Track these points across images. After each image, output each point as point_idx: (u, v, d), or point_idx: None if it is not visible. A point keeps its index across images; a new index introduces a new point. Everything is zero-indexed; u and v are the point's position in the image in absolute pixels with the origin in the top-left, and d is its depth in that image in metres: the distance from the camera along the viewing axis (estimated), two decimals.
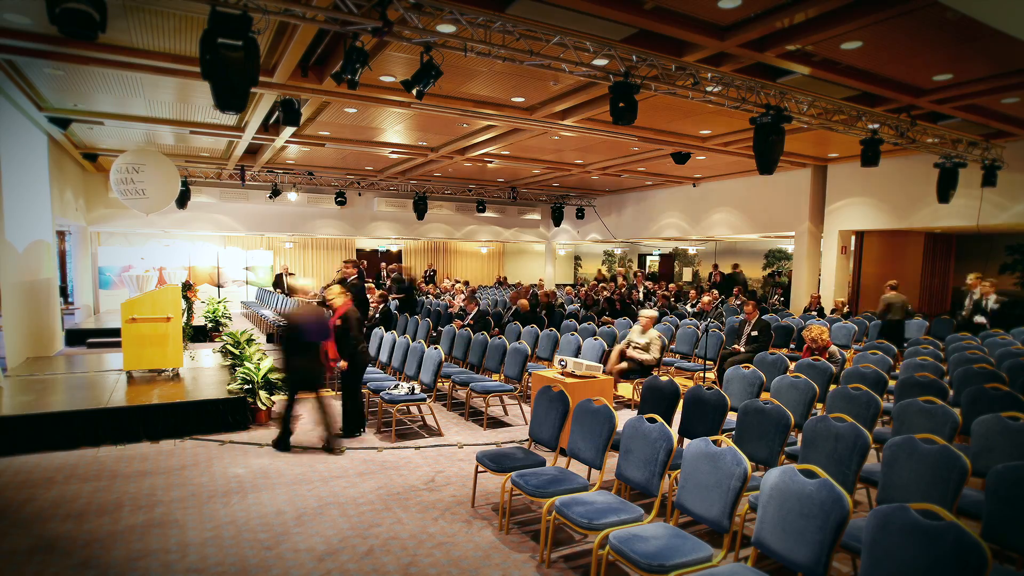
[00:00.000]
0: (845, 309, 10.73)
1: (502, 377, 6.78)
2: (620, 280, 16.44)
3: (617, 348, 6.99)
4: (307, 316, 5.30)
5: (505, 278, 20.15)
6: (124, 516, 3.94)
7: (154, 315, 6.50)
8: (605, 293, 13.05)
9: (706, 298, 10.85)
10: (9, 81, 7.03)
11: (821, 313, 10.78)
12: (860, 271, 13.61)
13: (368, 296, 9.00)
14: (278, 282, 15.21)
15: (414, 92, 5.21)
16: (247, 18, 4.09)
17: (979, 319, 8.58)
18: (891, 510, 2.29)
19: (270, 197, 15.09)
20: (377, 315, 8.77)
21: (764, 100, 6.57)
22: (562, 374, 5.39)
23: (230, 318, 11.95)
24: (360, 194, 17.34)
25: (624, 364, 6.73)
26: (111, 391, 6.02)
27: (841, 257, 11.97)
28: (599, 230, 18.46)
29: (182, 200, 13.22)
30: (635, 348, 6.78)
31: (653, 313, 7.09)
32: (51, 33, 5.47)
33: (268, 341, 10.97)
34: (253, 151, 11.99)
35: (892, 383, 5.60)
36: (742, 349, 7.47)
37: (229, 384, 6.16)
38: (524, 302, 9.62)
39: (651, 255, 20.42)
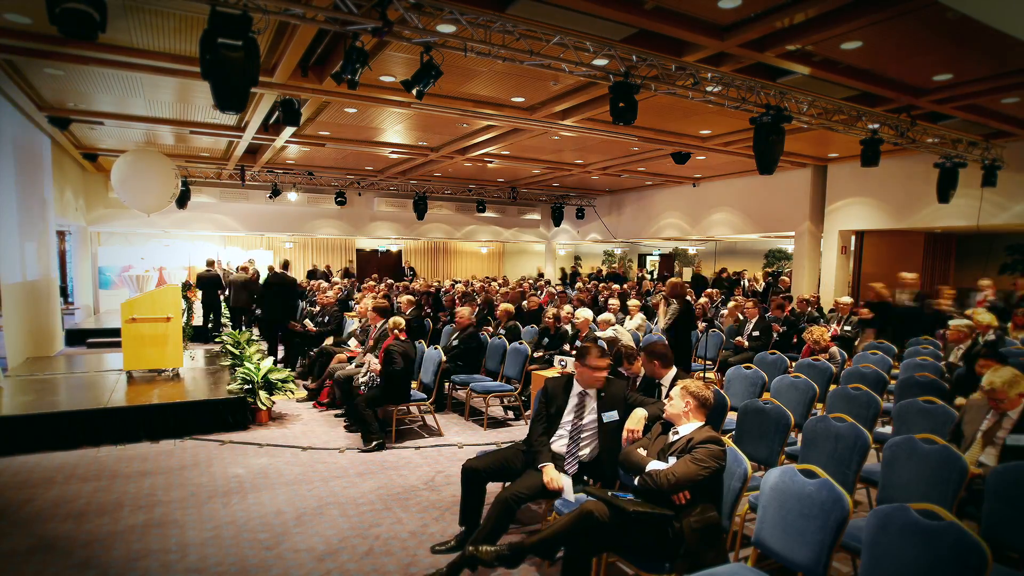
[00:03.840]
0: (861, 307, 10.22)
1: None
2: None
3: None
4: None
5: (551, 275, 18.41)
6: (124, 516, 3.94)
7: (154, 315, 6.50)
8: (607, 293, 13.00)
9: (703, 299, 10.85)
10: (9, 81, 7.03)
11: (820, 313, 10.76)
12: (860, 271, 13.60)
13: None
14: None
15: (414, 92, 5.21)
16: (247, 18, 4.09)
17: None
18: (891, 510, 2.29)
19: (270, 197, 15.09)
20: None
21: (764, 100, 6.57)
22: (562, 374, 5.39)
23: (230, 318, 11.94)
24: (360, 194, 17.34)
25: None
26: (111, 391, 6.02)
27: (841, 257, 11.97)
28: (599, 230, 18.46)
29: (182, 200, 13.20)
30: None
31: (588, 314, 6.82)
32: (51, 33, 5.47)
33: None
34: (253, 151, 11.99)
35: (892, 383, 5.60)
36: (746, 343, 7.48)
37: (229, 384, 6.16)
38: (535, 300, 9.59)
39: (651, 255, 20.42)
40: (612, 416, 3.52)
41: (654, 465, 2.85)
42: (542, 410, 3.68)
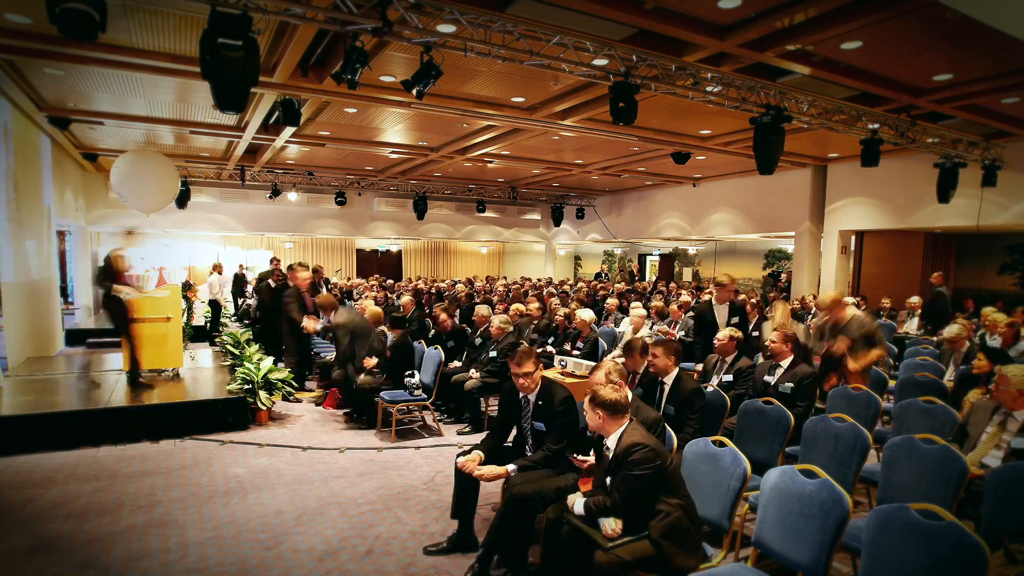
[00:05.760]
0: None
1: None
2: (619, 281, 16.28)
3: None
4: None
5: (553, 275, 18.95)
6: (124, 516, 3.94)
7: (154, 315, 6.50)
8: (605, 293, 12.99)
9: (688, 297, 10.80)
10: (9, 81, 7.03)
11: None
12: (860, 271, 13.61)
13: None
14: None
15: (414, 92, 5.21)
16: (247, 18, 4.09)
17: None
18: (891, 510, 2.29)
19: (270, 197, 15.08)
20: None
21: (764, 100, 6.56)
22: (562, 374, 5.39)
23: (230, 318, 11.95)
24: (360, 194, 17.33)
25: None
26: (111, 391, 6.02)
27: (841, 257, 11.97)
28: (599, 230, 18.46)
29: (182, 200, 13.20)
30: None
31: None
32: (51, 33, 5.46)
33: None
34: (253, 151, 11.98)
35: (892, 383, 5.60)
36: None
37: (229, 384, 6.16)
38: (534, 300, 9.54)
39: (651, 255, 20.42)
40: (541, 428, 3.49)
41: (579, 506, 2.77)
42: (500, 411, 3.72)
